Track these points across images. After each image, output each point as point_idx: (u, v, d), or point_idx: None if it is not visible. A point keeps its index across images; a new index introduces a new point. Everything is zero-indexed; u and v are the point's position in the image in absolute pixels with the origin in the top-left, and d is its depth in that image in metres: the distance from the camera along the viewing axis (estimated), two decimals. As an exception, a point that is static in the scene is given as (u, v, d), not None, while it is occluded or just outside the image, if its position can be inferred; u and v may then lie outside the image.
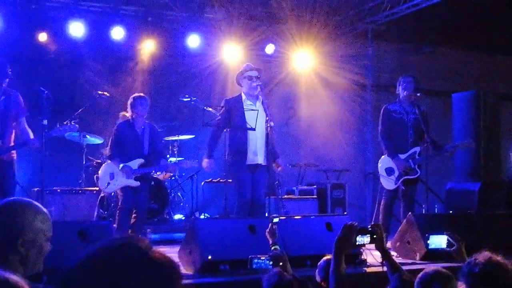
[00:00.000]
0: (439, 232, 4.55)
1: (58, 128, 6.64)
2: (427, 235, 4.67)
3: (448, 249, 4.37)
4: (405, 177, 7.50)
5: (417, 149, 7.51)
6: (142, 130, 7.23)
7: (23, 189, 8.31)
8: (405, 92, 7.60)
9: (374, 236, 4.01)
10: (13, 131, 6.49)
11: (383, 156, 7.73)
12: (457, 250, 4.26)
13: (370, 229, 4.04)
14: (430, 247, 4.67)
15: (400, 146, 7.56)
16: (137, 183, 7.12)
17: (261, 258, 4.08)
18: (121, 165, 7.13)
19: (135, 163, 7.13)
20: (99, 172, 7.41)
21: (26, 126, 6.54)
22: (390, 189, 7.63)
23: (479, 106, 8.82)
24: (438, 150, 7.54)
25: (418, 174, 7.50)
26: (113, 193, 7.52)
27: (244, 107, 6.97)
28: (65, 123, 6.70)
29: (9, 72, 6.43)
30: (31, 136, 6.49)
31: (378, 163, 7.78)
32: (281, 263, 4.10)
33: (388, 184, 7.62)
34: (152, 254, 1.42)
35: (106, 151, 7.50)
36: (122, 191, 7.17)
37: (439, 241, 4.49)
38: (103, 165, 7.42)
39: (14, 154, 6.53)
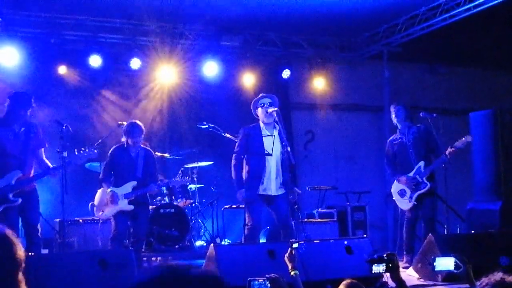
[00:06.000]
0: (448, 254, 4.52)
1: (77, 155, 6.65)
2: (433, 257, 4.63)
3: (455, 271, 4.34)
4: (418, 193, 7.69)
5: (421, 163, 7.76)
6: (137, 154, 7.23)
7: (45, 220, 8.40)
8: (397, 119, 8.04)
9: (390, 265, 4.03)
10: (33, 162, 6.56)
11: (394, 182, 8.03)
12: (464, 272, 4.23)
13: (385, 257, 4.05)
14: (436, 269, 4.62)
15: (406, 167, 7.88)
16: (131, 207, 7.06)
17: (259, 280, 4.12)
18: (109, 190, 7.09)
19: (128, 186, 7.10)
20: (95, 199, 7.37)
21: (45, 158, 6.61)
22: (407, 209, 7.85)
23: (497, 124, 8.76)
24: (438, 158, 7.71)
25: (428, 186, 7.68)
26: (129, 222, 7.47)
27: (262, 133, 7.04)
28: (82, 149, 6.72)
29: (33, 104, 6.54)
30: (50, 166, 6.57)
31: (392, 190, 8.04)
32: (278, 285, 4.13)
33: (404, 204, 7.86)
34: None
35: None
36: (114, 219, 7.12)
37: (446, 263, 4.44)
38: (98, 192, 7.37)
39: (35, 184, 6.58)
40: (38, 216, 6.67)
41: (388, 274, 5.62)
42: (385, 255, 4.24)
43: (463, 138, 7.75)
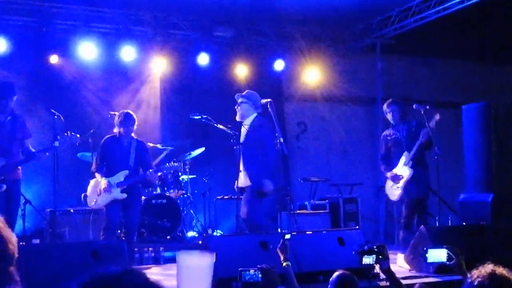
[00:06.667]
0: (440, 246, 4.52)
1: (59, 140, 6.65)
2: (425, 249, 4.63)
3: (447, 262, 4.34)
4: (404, 180, 7.77)
5: (405, 153, 7.80)
6: (129, 143, 7.24)
7: (36, 210, 8.36)
8: (393, 121, 8.01)
9: (380, 257, 4.04)
10: (19, 152, 6.58)
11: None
12: (456, 264, 4.24)
13: (376, 249, 4.06)
14: (428, 261, 4.62)
15: (398, 162, 7.93)
16: (124, 196, 7.07)
17: (251, 271, 4.12)
18: (104, 180, 7.10)
19: (120, 175, 7.11)
20: (88, 190, 7.37)
21: (31, 148, 6.65)
22: (397, 198, 7.95)
23: (490, 117, 8.76)
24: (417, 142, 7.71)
25: (411, 172, 7.70)
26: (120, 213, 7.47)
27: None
28: (65, 134, 6.71)
29: (16, 92, 6.54)
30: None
31: (385, 185, 8.17)
32: (270, 276, 4.13)
33: (395, 192, 7.93)
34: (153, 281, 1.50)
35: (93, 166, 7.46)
36: (107, 209, 7.13)
37: (438, 255, 4.43)
38: (90, 182, 7.36)
39: (20, 173, 6.61)
40: (17, 207, 6.73)
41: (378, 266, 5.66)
42: (375, 246, 4.24)
43: (434, 117, 7.69)
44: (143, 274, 1.56)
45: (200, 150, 9.83)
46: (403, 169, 7.81)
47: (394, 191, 7.95)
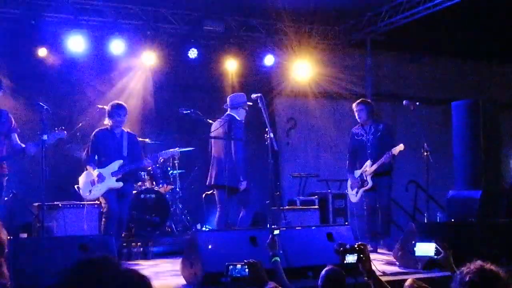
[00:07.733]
0: (428, 240, 4.52)
1: (48, 135, 6.62)
2: (413, 242, 4.63)
3: (435, 257, 4.33)
4: (362, 189, 8.14)
5: (368, 163, 8.07)
6: (121, 135, 7.34)
7: (24, 204, 8.31)
8: (359, 119, 8.23)
9: (361, 255, 4.02)
10: (5, 148, 6.57)
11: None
12: (444, 258, 4.24)
13: (357, 248, 4.05)
14: (416, 254, 4.62)
15: (362, 164, 8.20)
16: (120, 184, 7.17)
17: (238, 265, 4.10)
18: (96, 171, 7.15)
19: (115, 165, 7.20)
20: (79, 181, 7.40)
21: (19, 141, 6.66)
22: (354, 202, 8.42)
23: (479, 114, 8.80)
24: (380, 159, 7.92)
25: (369, 185, 8.04)
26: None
27: None
28: (56, 129, 6.70)
29: (2, 87, 6.52)
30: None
31: (347, 184, 8.52)
32: (257, 270, 4.12)
33: (353, 198, 8.37)
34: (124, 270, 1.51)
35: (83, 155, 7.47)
36: (105, 198, 7.19)
37: (426, 249, 4.43)
38: (83, 174, 7.41)
39: (5, 168, 6.60)
40: None
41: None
42: (356, 245, 4.21)
43: (398, 146, 7.81)
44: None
45: (189, 148, 9.79)
46: (364, 177, 8.07)
47: (352, 195, 8.34)
